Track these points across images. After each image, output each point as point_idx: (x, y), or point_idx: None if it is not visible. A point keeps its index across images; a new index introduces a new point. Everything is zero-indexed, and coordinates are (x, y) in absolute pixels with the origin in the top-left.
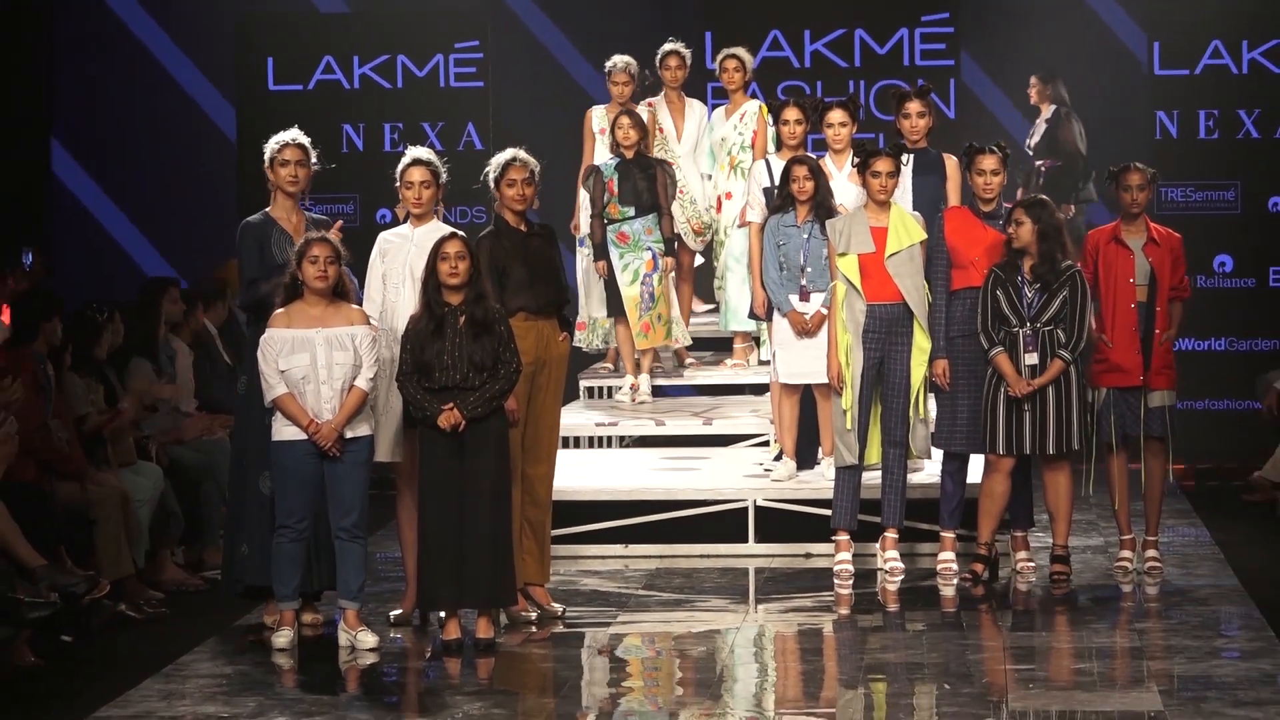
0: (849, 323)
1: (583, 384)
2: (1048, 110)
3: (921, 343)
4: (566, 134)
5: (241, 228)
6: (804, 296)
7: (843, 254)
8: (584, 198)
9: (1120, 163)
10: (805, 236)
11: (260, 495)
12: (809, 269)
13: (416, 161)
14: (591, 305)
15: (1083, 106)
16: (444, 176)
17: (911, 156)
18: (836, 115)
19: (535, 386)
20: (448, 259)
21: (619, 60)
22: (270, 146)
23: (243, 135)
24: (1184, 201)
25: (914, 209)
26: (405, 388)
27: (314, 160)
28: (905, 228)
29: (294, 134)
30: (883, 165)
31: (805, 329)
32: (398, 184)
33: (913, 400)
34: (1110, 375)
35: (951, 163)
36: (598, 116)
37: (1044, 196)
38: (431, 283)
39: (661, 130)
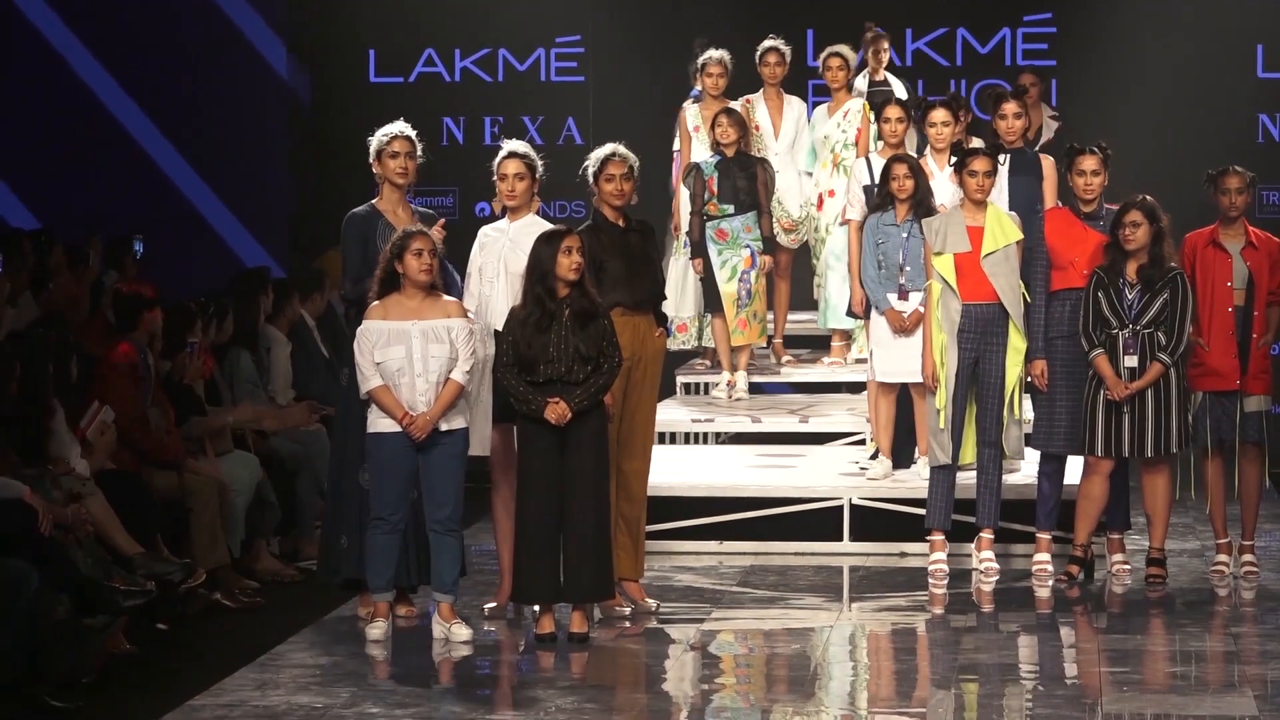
0: (944, 322)
1: (679, 380)
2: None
3: (1017, 343)
4: (666, 130)
5: (347, 220)
6: (902, 295)
7: (939, 253)
8: (684, 196)
9: (1220, 166)
10: (904, 235)
11: (360, 489)
12: (908, 268)
13: (511, 154)
14: (685, 307)
15: (1184, 109)
16: (540, 170)
17: (1008, 157)
18: (939, 114)
19: (631, 382)
20: (570, 253)
21: (713, 53)
22: (378, 139)
23: (338, 128)
24: None
25: (1010, 209)
26: (507, 380)
27: (419, 152)
28: (1001, 227)
29: (401, 126)
30: (979, 165)
31: (903, 327)
32: (495, 177)
33: (1007, 400)
34: (1206, 379)
35: (1048, 163)
36: (691, 114)
37: (1150, 197)
38: (538, 275)
39: (758, 128)
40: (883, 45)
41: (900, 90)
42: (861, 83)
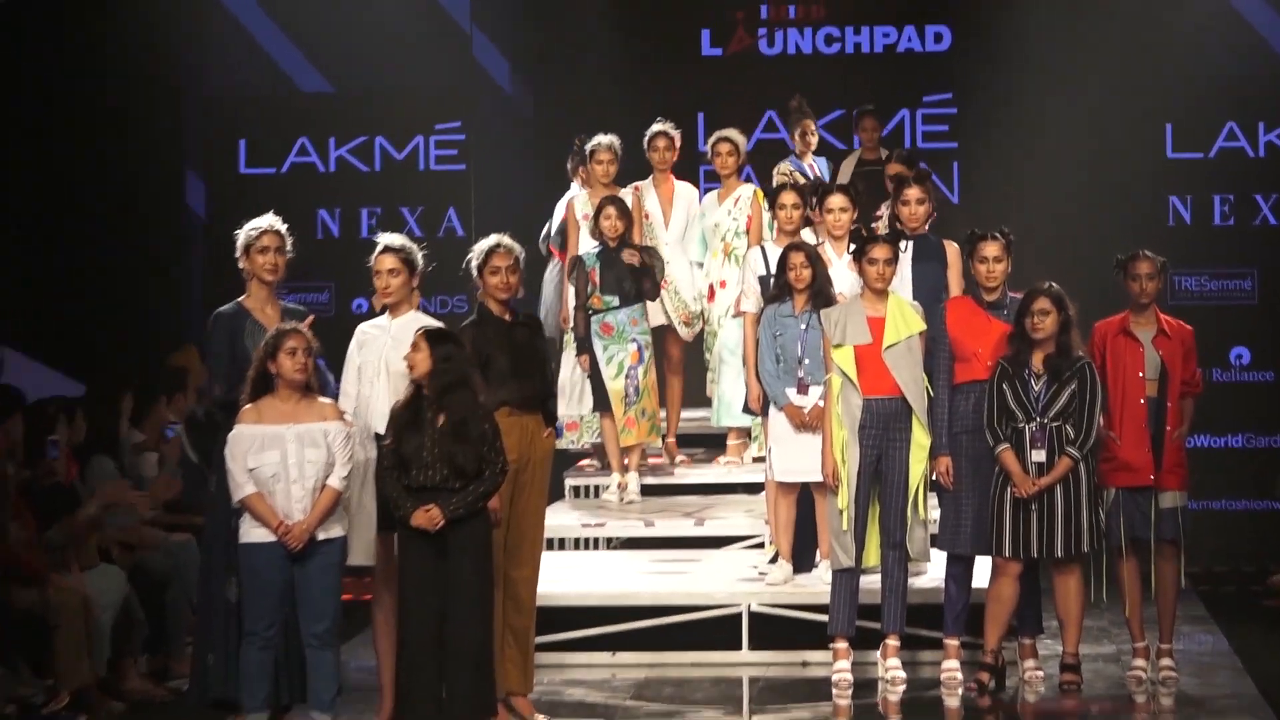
0: (845, 417)
1: (568, 483)
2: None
3: (920, 439)
4: (544, 220)
5: (214, 318)
6: (802, 389)
7: (838, 345)
8: (571, 290)
9: (1129, 250)
10: (803, 326)
11: (228, 602)
12: (807, 360)
13: (387, 249)
14: (576, 405)
15: (1091, 190)
16: (419, 264)
17: (911, 244)
18: (836, 200)
19: (518, 485)
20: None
21: (602, 139)
22: (245, 233)
23: (213, 219)
24: (1199, 291)
25: (914, 298)
26: (385, 483)
27: (289, 247)
28: (903, 318)
29: (270, 219)
30: (880, 252)
31: (803, 423)
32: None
33: (911, 499)
34: (1119, 474)
35: (953, 249)
36: (580, 202)
37: (1056, 284)
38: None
39: (648, 216)
40: (808, 127)
41: (822, 168)
42: (787, 165)
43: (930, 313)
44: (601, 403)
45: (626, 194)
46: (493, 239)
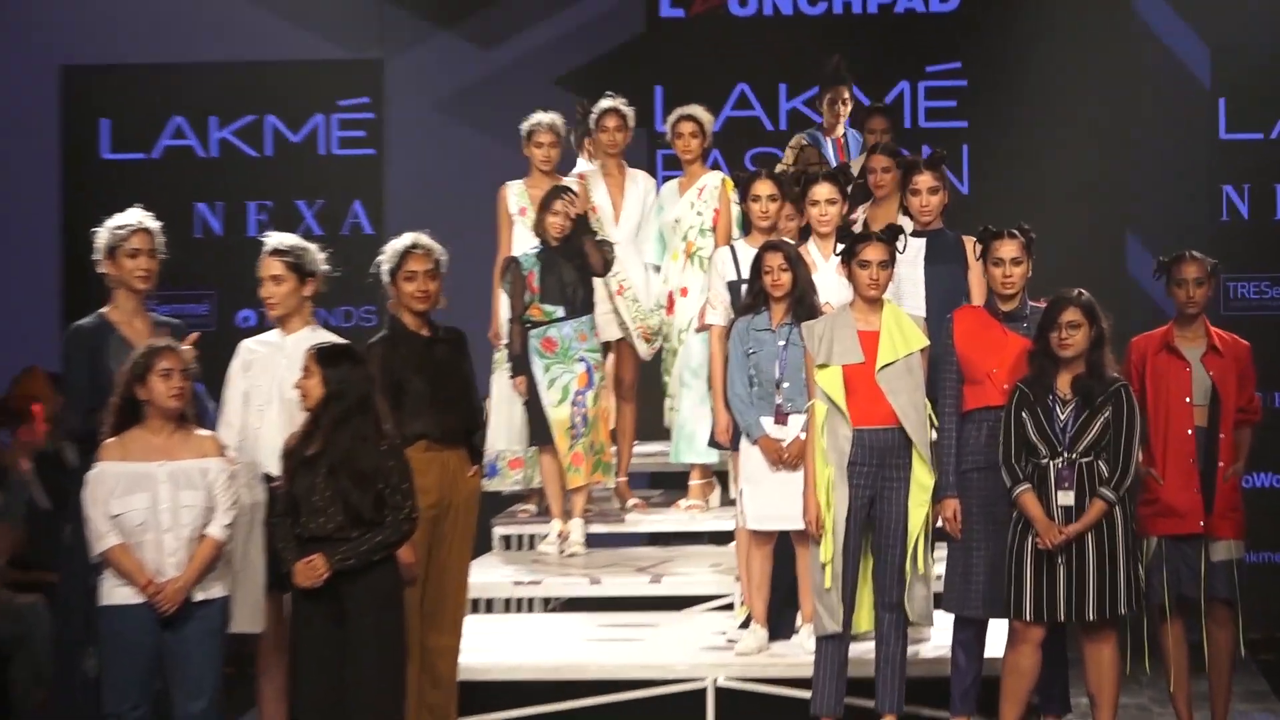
0: (831, 453)
1: (498, 531)
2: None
3: (922, 478)
4: (480, 215)
5: (70, 333)
6: (780, 419)
7: (823, 365)
8: (504, 299)
9: (1174, 250)
10: (781, 343)
11: (87, 677)
12: (786, 384)
13: (275, 251)
14: (508, 435)
15: (1127, 179)
16: (312, 268)
17: (924, 241)
18: (822, 190)
19: (438, 535)
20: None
21: (542, 118)
22: (110, 232)
23: (69, 214)
24: (1257, 299)
25: (927, 307)
26: (274, 532)
27: (161, 248)
28: (902, 332)
29: (140, 215)
30: (872, 253)
31: (781, 459)
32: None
33: (911, 551)
34: (1162, 520)
35: (976, 248)
36: (515, 194)
37: (1087, 292)
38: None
39: (595, 209)
40: (843, 95)
41: (852, 149)
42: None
43: (941, 326)
44: (540, 435)
45: (573, 184)
46: (408, 238)
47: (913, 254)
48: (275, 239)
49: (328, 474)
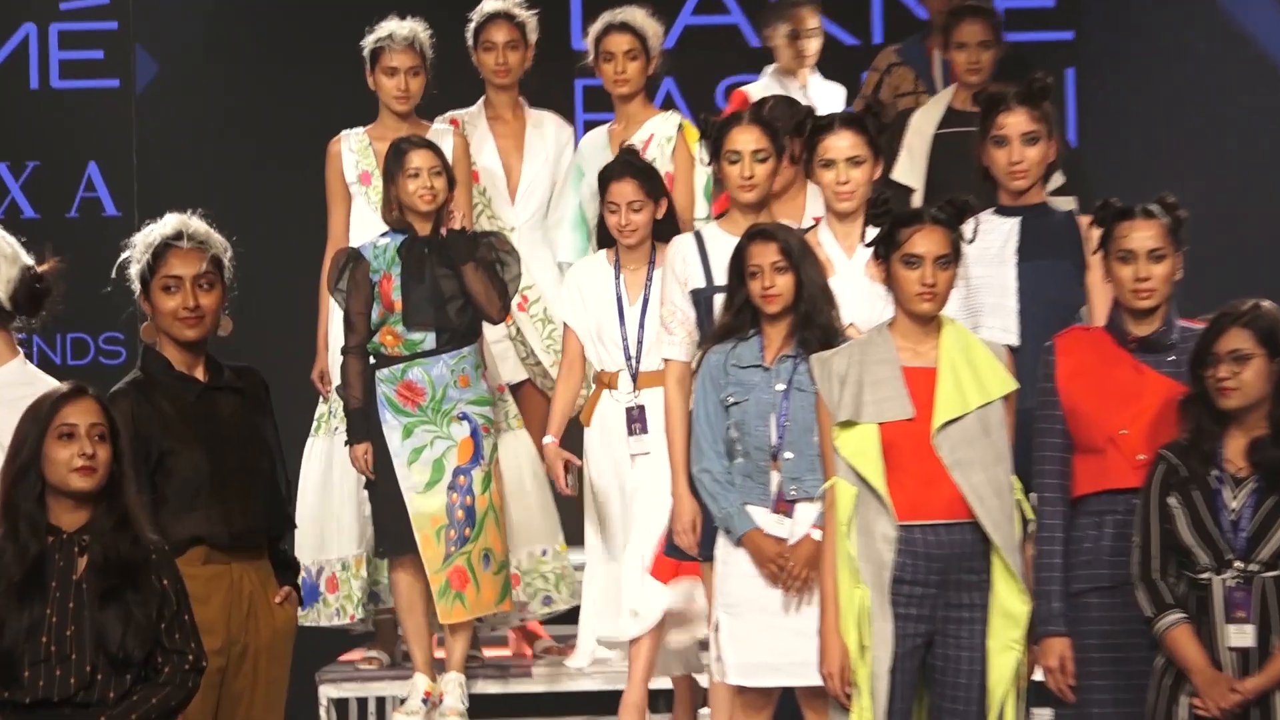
0: (865, 564)
1: (325, 692)
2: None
3: (1010, 604)
4: (293, 185)
5: None
6: (780, 507)
7: (849, 423)
8: (335, 313)
9: None
10: (780, 387)
11: None
12: (789, 454)
13: None
14: (340, 538)
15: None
16: (17, 265)
17: (1014, 222)
18: (840, 141)
19: (228, 694)
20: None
21: (398, 28)
22: None
23: None
24: None
25: (1021, 324)
26: None
27: None
28: (973, 370)
29: None
30: (925, 243)
31: (783, 571)
32: None
33: (996, 716)
34: None
35: (1095, 233)
36: (353, 150)
37: (1269, 303)
38: (22, 482)
39: (479, 176)
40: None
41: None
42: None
43: (1034, 358)
44: (394, 539)
45: (443, 134)
46: (171, 222)
47: (995, 244)
48: None
49: (60, 601)
